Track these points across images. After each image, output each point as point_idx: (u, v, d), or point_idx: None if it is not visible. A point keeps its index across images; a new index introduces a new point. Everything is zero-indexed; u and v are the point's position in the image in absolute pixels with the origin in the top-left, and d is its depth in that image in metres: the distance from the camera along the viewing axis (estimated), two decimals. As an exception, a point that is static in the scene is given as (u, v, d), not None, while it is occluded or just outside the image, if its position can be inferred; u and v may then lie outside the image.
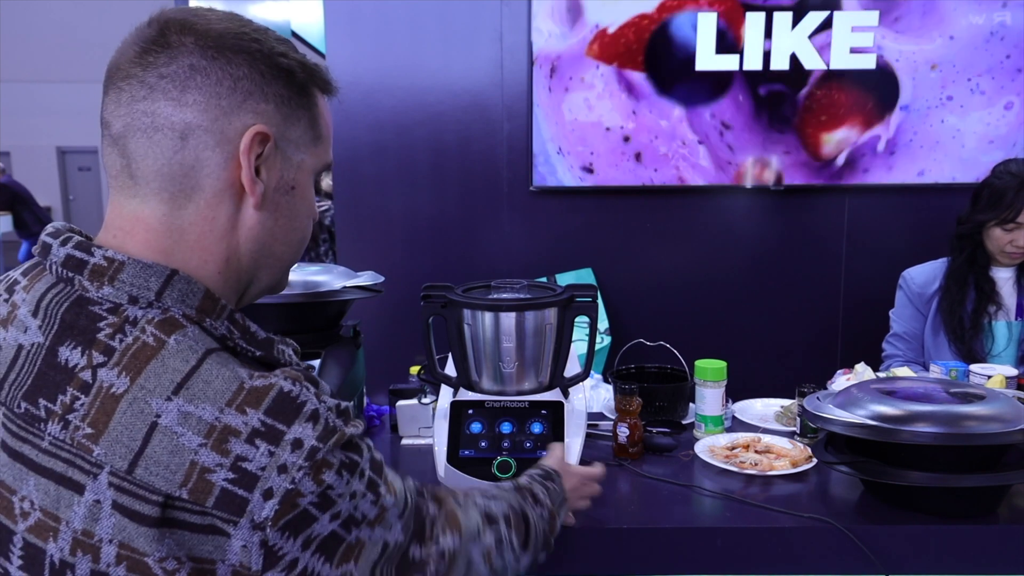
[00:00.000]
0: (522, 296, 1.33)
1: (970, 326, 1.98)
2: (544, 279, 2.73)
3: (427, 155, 2.75)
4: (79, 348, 0.63)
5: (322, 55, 3.18)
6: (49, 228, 0.70)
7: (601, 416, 1.70)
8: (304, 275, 1.41)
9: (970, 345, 1.98)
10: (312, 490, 0.62)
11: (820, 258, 2.78)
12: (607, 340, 2.71)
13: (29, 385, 0.63)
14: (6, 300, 0.69)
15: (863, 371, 1.73)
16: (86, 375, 0.61)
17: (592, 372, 1.62)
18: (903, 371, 1.82)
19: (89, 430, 0.60)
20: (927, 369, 2.03)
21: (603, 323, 2.74)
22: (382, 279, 1.51)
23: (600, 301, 2.68)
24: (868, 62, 2.58)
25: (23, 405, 0.63)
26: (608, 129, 2.66)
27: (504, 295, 1.34)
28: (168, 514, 0.59)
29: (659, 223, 2.78)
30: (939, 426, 1.14)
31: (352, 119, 2.71)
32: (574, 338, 1.37)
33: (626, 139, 2.67)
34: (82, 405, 0.61)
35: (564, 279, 2.73)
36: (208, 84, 0.66)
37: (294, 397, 0.63)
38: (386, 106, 2.72)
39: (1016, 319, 1.98)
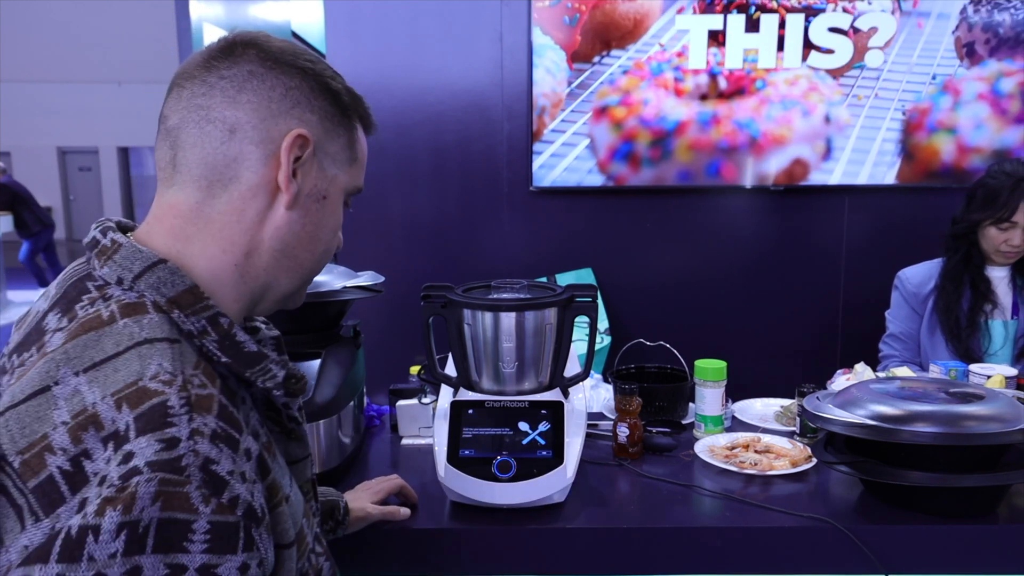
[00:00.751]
0: (522, 296, 1.33)
1: (967, 325, 1.99)
2: (544, 279, 2.73)
3: (427, 155, 2.75)
4: (60, 314, 0.66)
5: (322, 55, 3.17)
6: (100, 219, 0.74)
7: (601, 416, 1.70)
8: (304, 275, 1.40)
9: (967, 344, 1.99)
10: (99, 525, 0.53)
11: (820, 258, 2.78)
12: (607, 340, 2.71)
13: (16, 344, 0.68)
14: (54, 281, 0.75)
15: (863, 371, 1.73)
16: (47, 336, 0.65)
17: (592, 372, 1.62)
18: (902, 371, 1.82)
19: (10, 380, 0.63)
20: (924, 369, 2.03)
21: (603, 323, 2.74)
22: (382, 279, 1.51)
23: (600, 301, 2.68)
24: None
25: (2, 361, 0.68)
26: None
27: (504, 295, 1.34)
28: None
29: (659, 223, 2.78)
30: (939, 426, 1.14)
31: (352, 119, 2.71)
32: (574, 338, 1.37)
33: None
34: (25, 360, 0.64)
35: (564, 279, 2.73)
36: (263, 88, 0.71)
37: (170, 415, 0.58)
38: (386, 106, 2.72)
39: (1012, 318, 1.99)
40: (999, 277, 2.01)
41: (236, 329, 0.69)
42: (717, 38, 2.63)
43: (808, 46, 2.62)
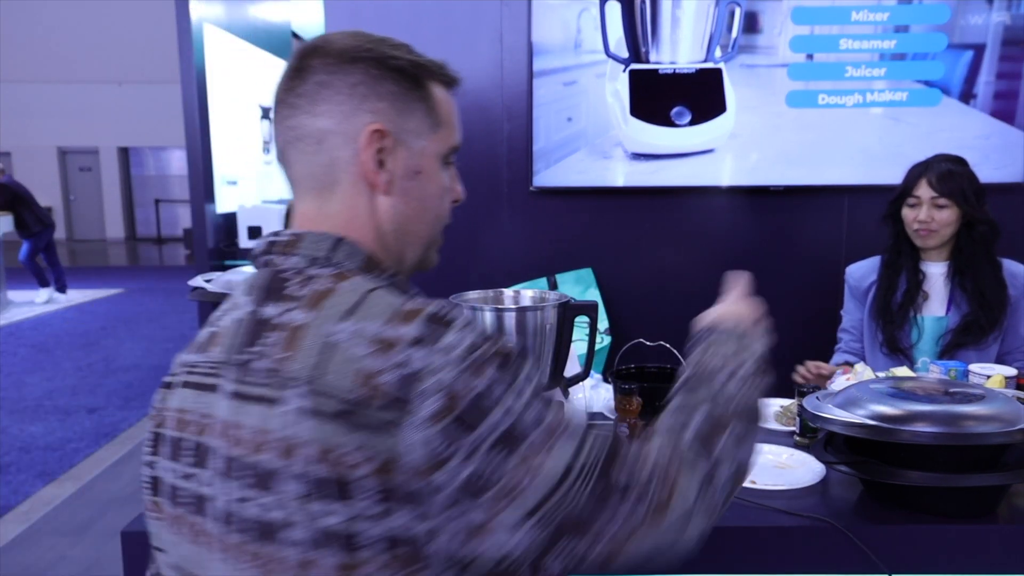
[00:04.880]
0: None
1: (896, 315, 2.01)
2: (544, 279, 2.73)
3: (427, 155, 2.75)
4: (273, 303, 0.75)
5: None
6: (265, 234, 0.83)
7: (601, 416, 1.70)
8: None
9: (893, 335, 2.00)
10: (467, 391, 0.66)
11: (820, 258, 2.78)
12: (607, 340, 2.71)
13: (240, 340, 0.75)
14: (235, 298, 0.82)
15: (863, 371, 1.73)
16: (278, 319, 0.73)
17: (592, 372, 1.62)
18: (902, 371, 1.82)
19: (281, 355, 0.71)
20: (863, 358, 2.05)
21: (603, 323, 2.74)
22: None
23: (600, 301, 2.67)
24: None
25: (236, 358, 0.74)
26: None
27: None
28: (348, 415, 0.67)
29: (659, 223, 2.78)
30: (939, 426, 1.14)
31: (352, 119, 2.71)
32: (574, 338, 1.37)
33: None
34: (276, 340, 0.72)
35: (564, 279, 2.73)
36: (331, 94, 0.77)
37: (444, 314, 0.70)
38: (386, 106, 2.72)
39: (945, 314, 1.99)
40: (937, 273, 2.01)
41: (409, 285, 0.81)
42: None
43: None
